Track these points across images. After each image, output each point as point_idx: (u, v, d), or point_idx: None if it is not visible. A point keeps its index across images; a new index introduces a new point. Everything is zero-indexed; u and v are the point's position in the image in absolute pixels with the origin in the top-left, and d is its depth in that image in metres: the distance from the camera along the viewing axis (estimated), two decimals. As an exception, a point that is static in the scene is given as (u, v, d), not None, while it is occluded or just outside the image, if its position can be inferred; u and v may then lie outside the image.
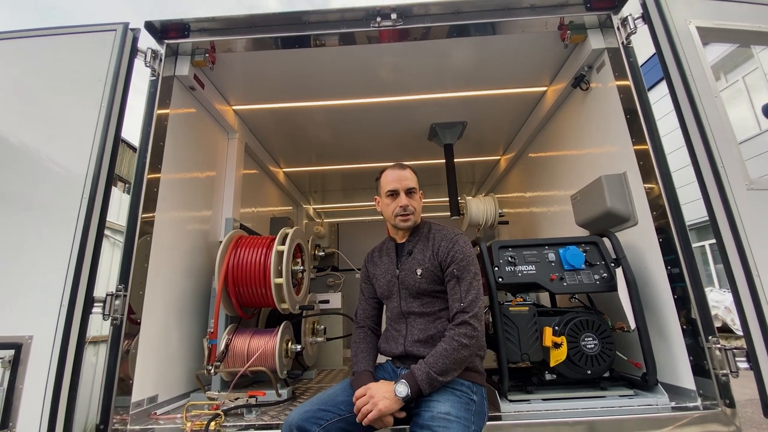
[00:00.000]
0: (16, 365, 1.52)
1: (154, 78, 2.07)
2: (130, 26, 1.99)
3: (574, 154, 2.60)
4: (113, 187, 2.01)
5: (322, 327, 2.91)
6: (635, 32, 1.98)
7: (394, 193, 1.66)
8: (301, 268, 2.41)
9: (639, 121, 1.91)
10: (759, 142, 9.09)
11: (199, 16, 2.07)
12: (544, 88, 2.85)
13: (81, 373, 1.59)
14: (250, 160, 3.37)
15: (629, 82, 1.97)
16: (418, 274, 1.56)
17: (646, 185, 1.86)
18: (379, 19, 2.05)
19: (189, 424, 1.59)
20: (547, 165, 3.09)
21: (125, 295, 1.73)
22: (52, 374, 1.50)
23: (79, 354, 1.58)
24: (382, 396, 1.34)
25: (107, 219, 1.77)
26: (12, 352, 1.53)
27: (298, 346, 2.29)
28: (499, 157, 4.17)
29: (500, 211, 3.35)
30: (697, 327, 1.62)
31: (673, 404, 1.61)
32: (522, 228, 3.71)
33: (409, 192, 1.65)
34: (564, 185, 2.75)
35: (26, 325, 1.56)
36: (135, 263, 1.80)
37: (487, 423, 1.50)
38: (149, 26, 2.07)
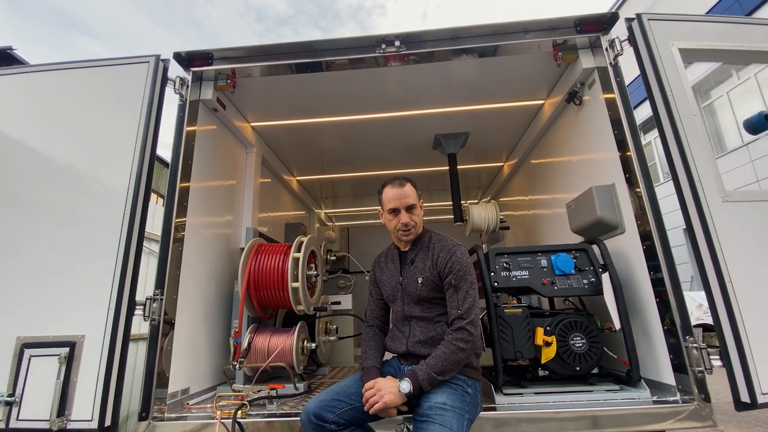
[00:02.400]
0: (70, 361, 1.75)
1: (182, 103, 2.29)
2: (161, 57, 2.21)
3: (573, 161, 2.72)
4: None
5: (335, 327, 3.12)
6: (622, 54, 2.12)
7: (395, 211, 1.76)
8: (315, 272, 2.62)
9: (626, 137, 2.05)
10: (769, 141, 8.98)
11: (222, 46, 2.29)
12: (542, 102, 3.00)
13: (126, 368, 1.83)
14: (266, 170, 3.59)
15: (617, 100, 2.11)
16: (419, 282, 1.71)
17: (632, 196, 2.01)
18: (384, 45, 2.23)
19: (219, 412, 1.78)
20: (548, 171, 3.21)
21: (161, 299, 1.96)
22: (102, 368, 1.73)
23: (125, 351, 1.80)
24: (388, 390, 1.51)
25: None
26: (67, 349, 1.76)
27: (313, 344, 2.48)
28: (502, 164, 4.32)
29: (501, 216, 3.50)
30: (677, 327, 1.77)
31: (654, 398, 1.76)
32: (526, 230, 3.82)
33: (410, 209, 1.74)
34: (565, 190, 2.86)
35: (79, 325, 1.79)
36: (169, 269, 2.02)
37: (484, 413, 1.68)
38: (177, 56, 2.29)
